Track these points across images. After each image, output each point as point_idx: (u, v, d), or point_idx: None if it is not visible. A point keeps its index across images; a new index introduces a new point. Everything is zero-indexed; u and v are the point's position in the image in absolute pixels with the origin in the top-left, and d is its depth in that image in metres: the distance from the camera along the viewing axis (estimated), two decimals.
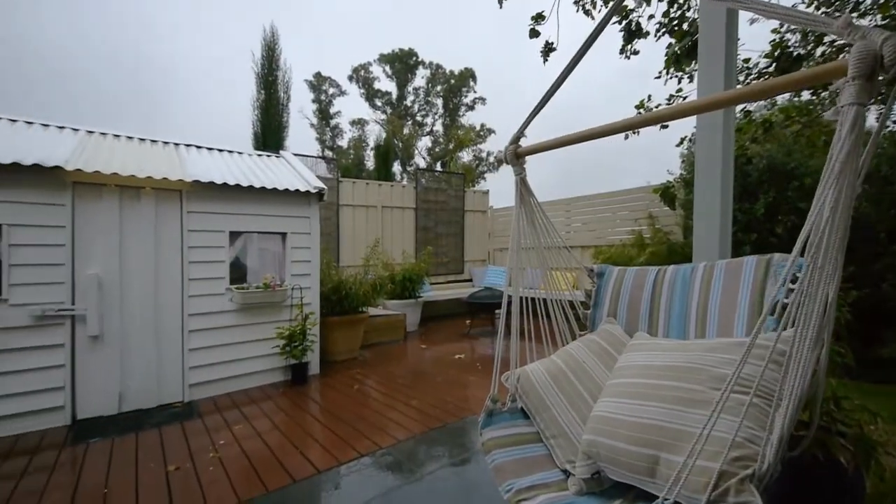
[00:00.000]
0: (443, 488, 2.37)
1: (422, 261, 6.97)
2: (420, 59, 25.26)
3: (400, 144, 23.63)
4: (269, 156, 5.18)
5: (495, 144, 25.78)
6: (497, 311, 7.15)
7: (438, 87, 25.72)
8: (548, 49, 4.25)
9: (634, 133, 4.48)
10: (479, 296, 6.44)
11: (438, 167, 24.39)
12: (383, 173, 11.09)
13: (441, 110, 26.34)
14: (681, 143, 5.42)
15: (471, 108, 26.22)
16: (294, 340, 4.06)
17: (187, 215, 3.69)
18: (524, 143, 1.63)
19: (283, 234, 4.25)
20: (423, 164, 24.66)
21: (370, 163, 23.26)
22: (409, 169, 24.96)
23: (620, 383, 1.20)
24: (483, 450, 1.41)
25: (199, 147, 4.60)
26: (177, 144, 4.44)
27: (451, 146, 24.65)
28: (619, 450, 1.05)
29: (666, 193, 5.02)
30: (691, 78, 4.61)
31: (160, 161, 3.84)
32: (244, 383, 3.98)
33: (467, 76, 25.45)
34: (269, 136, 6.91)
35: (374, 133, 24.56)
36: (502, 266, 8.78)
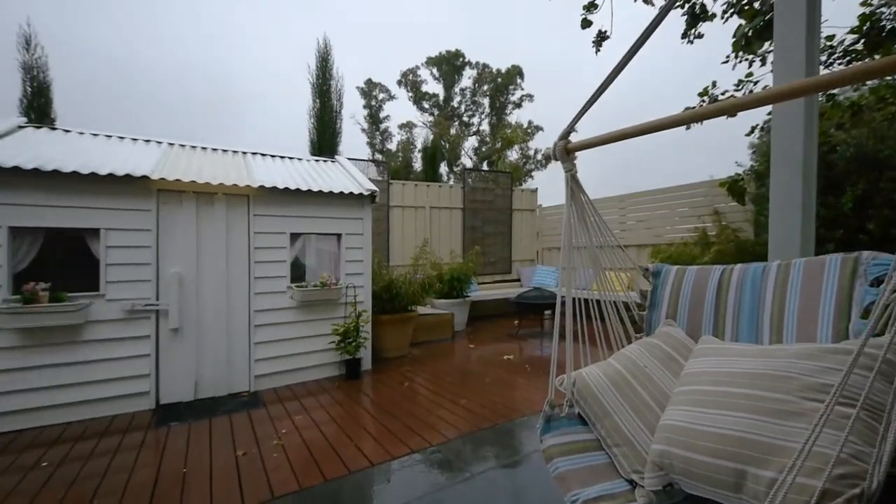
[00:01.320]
0: (493, 490, 2.36)
1: (469, 260, 6.98)
2: (467, 60, 25.31)
3: (447, 145, 23.81)
4: (324, 161, 5.44)
5: (543, 141, 25.21)
6: (546, 312, 6.99)
7: (485, 87, 25.62)
8: (600, 38, 4.09)
9: (699, 123, 4.18)
10: (528, 296, 6.33)
11: (485, 167, 24.28)
12: (430, 175, 11.23)
13: (487, 109, 26.21)
14: (751, 131, 4.98)
15: (518, 105, 25.84)
16: (348, 337, 4.23)
17: (254, 218, 3.97)
18: (574, 138, 1.58)
19: (338, 235, 4.45)
20: (469, 165, 24.67)
21: (418, 164, 23.67)
22: (455, 169, 25.08)
23: (693, 391, 1.12)
24: (544, 457, 1.37)
25: (263, 155, 4.94)
26: (244, 153, 4.81)
27: (497, 145, 24.45)
28: (696, 462, 0.98)
29: (734, 187, 4.64)
30: (764, 60, 4.23)
31: (230, 169, 4.18)
32: (303, 376, 4.21)
33: (514, 74, 25.12)
34: (324, 142, 7.26)
35: (422, 135, 24.94)
36: (552, 266, 8.57)
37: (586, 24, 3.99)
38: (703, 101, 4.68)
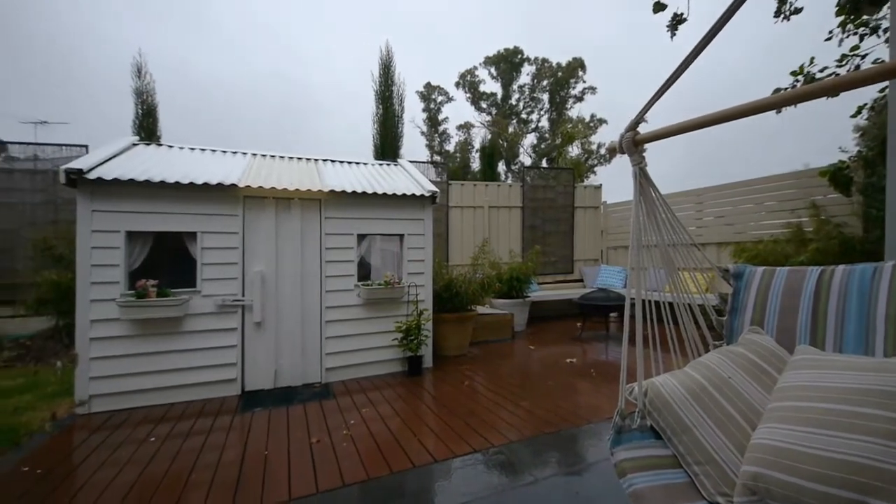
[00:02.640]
0: (558, 497, 2.30)
1: (529, 260, 6.85)
2: (525, 56, 24.84)
3: (504, 144, 23.56)
4: (387, 164, 5.66)
5: (607, 135, 24.00)
6: (612, 315, 6.66)
7: (544, 82, 24.97)
8: (676, 21, 3.81)
9: (793, 106, 3.74)
10: (592, 297, 6.08)
11: (544, 164, 23.66)
12: (489, 174, 11.19)
13: (547, 105, 25.53)
14: (857, 112, 4.35)
15: (579, 99, 24.87)
16: (410, 334, 4.36)
17: (325, 221, 4.24)
18: (643, 129, 1.48)
19: (401, 236, 4.60)
20: (528, 162, 24.18)
21: (475, 164, 23.68)
22: (513, 168, 24.72)
23: (794, 407, 1.01)
24: (616, 471, 1.29)
25: (332, 161, 5.27)
26: (315, 160, 5.16)
27: (557, 141, 23.70)
28: (801, 489, 0.88)
29: (838, 176, 4.09)
30: (874, 31, 3.68)
31: (304, 175, 4.50)
32: (368, 371, 4.41)
33: (575, 67, 24.20)
34: (387, 146, 7.54)
35: (480, 135, 24.91)
36: (618, 265, 8.14)
37: (659, 7, 3.74)
38: (797, 81, 4.17)
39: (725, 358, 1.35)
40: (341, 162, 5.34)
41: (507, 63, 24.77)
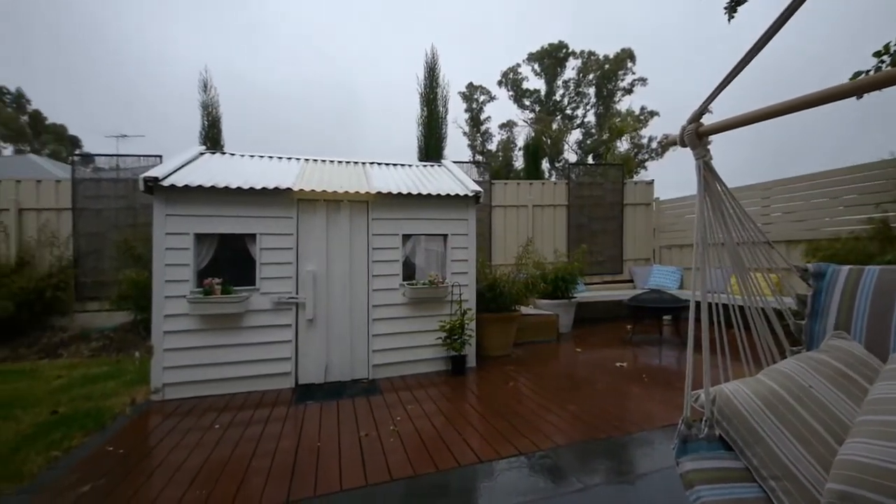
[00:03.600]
0: None
1: (575, 259, 6.65)
2: (570, 51, 24.17)
3: (548, 141, 23.03)
4: (431, 165, 5.73)
5: (659, 128, 22.81)
6: (666, 318, 6.32)
7: (590, 76, 24.16)
8: (735, 2, 3.55)
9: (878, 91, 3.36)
10: (644, 298, 5.80)
11: (590, 160, 22.90)
12: (532, 172, 11.00)
13: (593, 99, 24.69)
14: None
15: (628, 91, 23.83)
16: (454, 334, 4.38)
17: (372, 222, 4.37)
18: (707, 119, 1.39)
19: (445, 236, 4.63)
20: (574, 159, 23.50)
21: (518, 163, 23.36)
22: (557, 165, 24.13)
23: (890, 421, 0.91)
24: (683, 482, 1.22)
25: (379, 163, 5.42)
26: (363, 163, 5.34)
27: (605, 136, 22.83)
28: None
29: None
30: None
31: (353, 178, 4.67)
32: (413, 369, 4.48)
33: (624, 58, 23.21)
34: (431, 147, 7.64)
35: (522, 133, 24.54)
36: (672, 265, 7.71)
37: None
38: (882, 61, 3.75)
39: (805, 365, 1.24)
40: (387, 164, 5.48)
41: (550, 58, 24.21)
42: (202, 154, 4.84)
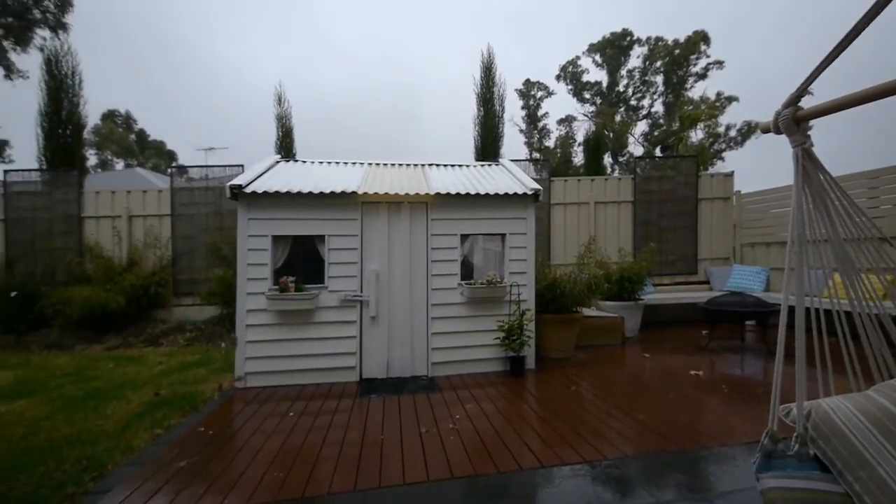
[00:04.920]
0: None
1: (643, 259, 6.27)
2: (635, 38, 22.80)
3: (611, 135, 21.93)
4: (489, 165, 5.71)
5: (739, 114, 20.79)
6: (749, 323, 5.75)
7: (658, 63, 22.62)
8: None
9: None
10: (723, 301, 5.31)
11: (658, 152, 21.44)
12: (594, 168, 10.52)
13: (661, 88, 23.09)
14: None
15: (702, 76, 21.99)
16: (512, 334, 4.33)
17: (431, 222, 4.47)
18: (805, 102, 1.24)
19: (503, 235, 4.60)
20: (639, 152, 22.14)
21: (578, 159, 22.49)
22: (621, 160, 22.89)
23: None
24: (763, 501, 1.12)
25: (437, 165, 5.53)
26: (422, 165, 5.47)
27: (675, 126, 21.25)
28: None
29: None
30: None
31: (412, 180, 4.81)
32: (471, 368, 4.50)
33: (697, 41, 21.44)
34: (488, 147, 7.63)
35: (583, 128, 23.60)
36: (756, 265, 6.99)
37: None
38: None
39: None
40: (445, 165, 5.56)
41: (613, 48, 23.03)
42: (278, 162, 5.24)
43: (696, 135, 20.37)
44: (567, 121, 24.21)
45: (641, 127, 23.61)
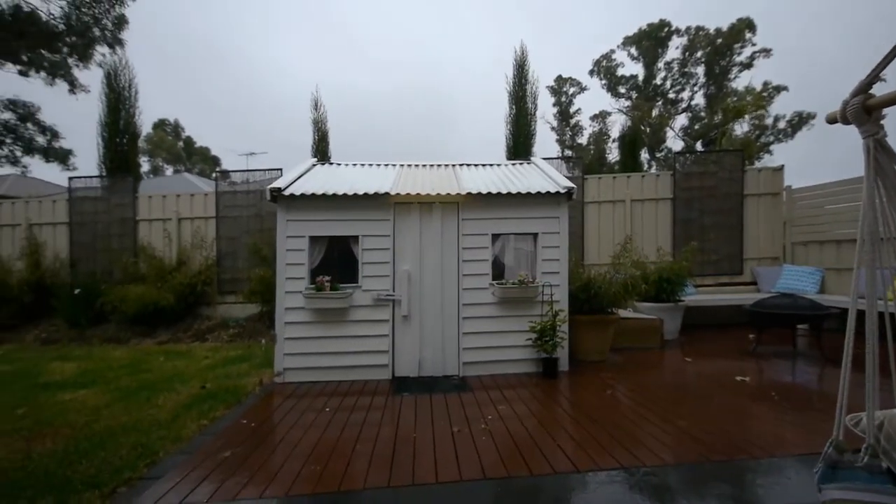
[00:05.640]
0: None
1: (683, 258, 6.00)
2: (673, 28, 21.88)
3: (647, 130, 21.15)
4: (520, 163, 5.66)
5: (788, 104, 19.49)
6: (801, 327, 5.39)
7: (699, 53, 21.60)
8: None
9: None
10: (772, 304, 5.00)
11: (699, 147, 20.48)
12: (630, 164, 10.19)
13: (702, 79, 22.04)
14: None
15: (747, 66, 20.82)
16: (545, 335, 4.26)
17: (462, 222, 4.48)
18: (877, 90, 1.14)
19: (535, 235, 4.54)
20: (678, 147, 21.23)
21: (612, 155, 21.85)
22: (658, 156, 22.03)
23: None
24: None
25: (468, 165, 5.54)
26: (453, 165, 5.50)
27: (717, 119, 20.22)
28: None
29: None
30: None
31: (444, 180, 4.84)
32: (502, 369, 4.46)
33: (741, 29, 20.31)
34: (519, 145, 7.55)
35: (617, 123, 22.90)
36: (809, 265, 6.54)
37: None
38: None
39: None
40: (476, 165, 5.56)
41: (650, 40, 22.21)
42: (314, 165, 5.42)
43: (741, 127, 19.29)
44: (601, 117, 23.57)
45: (681, 121, 22.63)
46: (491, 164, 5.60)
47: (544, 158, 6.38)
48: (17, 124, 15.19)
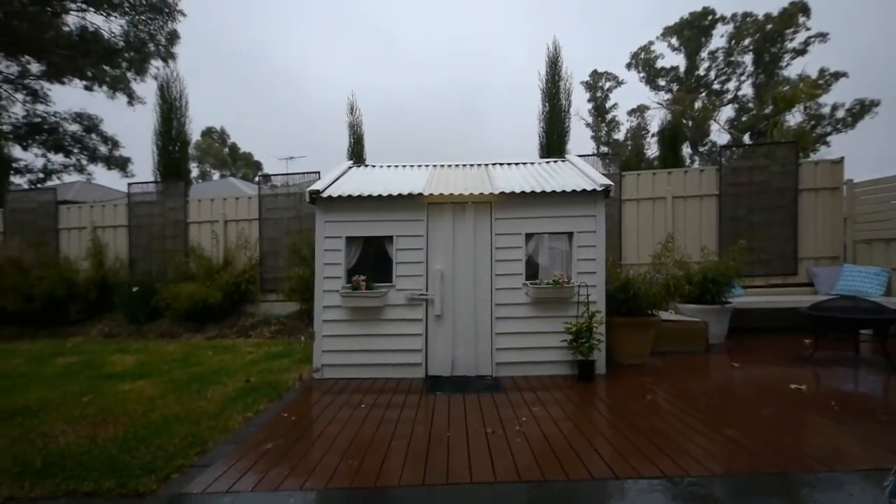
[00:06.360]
0: None
1: (730, 258, 5.68)
2: (718, 16, 20.76)
3: (689, 123, 20.17)
4: (554, 161, 5.56)
5: (848, 92, 18.01)
6: (864, 332, 4.97)
7: (746, 41, 20.38)
8: None
9: None
10: (832, 306, 4.64)
11: (747, 139, 19.32)
12: (671, 160, 9.75)
13: (750, 68, 20.77)
14: None
15: (800, 52, 19.44)
16: (581, 337, 4.15)
17: (495, 222, 4.46)
18: None
19: (570, 234, 4.44)
20: (724, 140, 20.12)
21: (651, 151, 21.02)
22: (701, 150, 20.97)
23: None
24: None
25: (501, 164, 5.51)
26: (485, 165, 5.48)
27: (767, 109, 18.98)
28: None
29: None
30: None
31: (476, 180, 4.84)
32: (537, 370, 4.40)
33: (793, 13, 19.01)
34: (553, 143, 7.42)
35: (657, 117, 21.99)
36: (873, 265, 6.02)
37: None
38: None
39: None
40: (509, 164, 5.51)
41: (692, 29, 21.21)
42: (350, 168, 5.56)
43: (794, 118, 18.00)
44: (639, 111, 22.71)
45: (726, 113, 21.43)
46: (524, 163, 5.53)
47: (579, 156, 6.23)
48: (83, 135, 16.60)
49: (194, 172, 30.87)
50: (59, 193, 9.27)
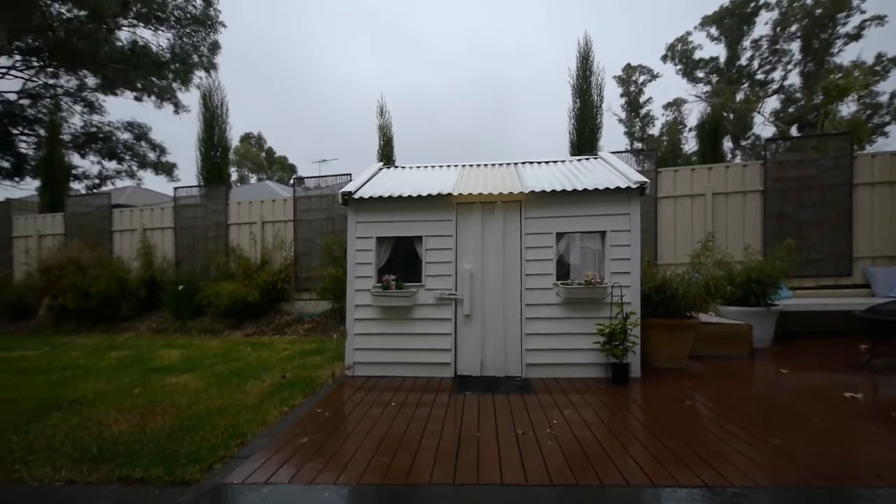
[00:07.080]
0: None
1: (777, 257, 5.37)
2: (762, 3, 19.66)
3: (731, 116, 19.21)
4: (586, 159, 5.44)
5: None
6: None
7: (793, 27, 19.19)
8: None
9: None
10: (891, 310, 4.29)
11: (794, 132, 18.19)
12: (710, 155, 9.30)
13: (797, 56, 19.54)
14: None
15: (854, 37, 18.10)
16: (614, 339, 4.04)
17: (525, 221, 4.41)
18: None
19: (602, 233, 4.33)
20: (769, 133, 19.03)
21: (688, 146, 20.16)
22: (744, 144, 19.92)
23: None
24: None
25: (530, 163, 5.45)
26: (515, 164, 5.43)
27: (816, 99, 17.79)
28: None
29: None
30: None
31: (506, 179, 4.80)
32: (568, 372, 4.32)
33: None
34: (584, 140, 7.26)
35: (694, 111, 21.07)
36: None
37: None
38: None
39: None
40: (539, 162, 5.44)
41: (733, 17, 20.19)
42: (380, 169, 5.66)
43: (848, 107, 16.76)
44: (675, 104, 21.84)
45: (771, 104, 20.25)
46: (554, 161, 5.44)
47: (612, 152, 6.06)
48: (133, 143, 17.72)
49: (233, 176, 32.34)
50: (113, 198, 9.94)
